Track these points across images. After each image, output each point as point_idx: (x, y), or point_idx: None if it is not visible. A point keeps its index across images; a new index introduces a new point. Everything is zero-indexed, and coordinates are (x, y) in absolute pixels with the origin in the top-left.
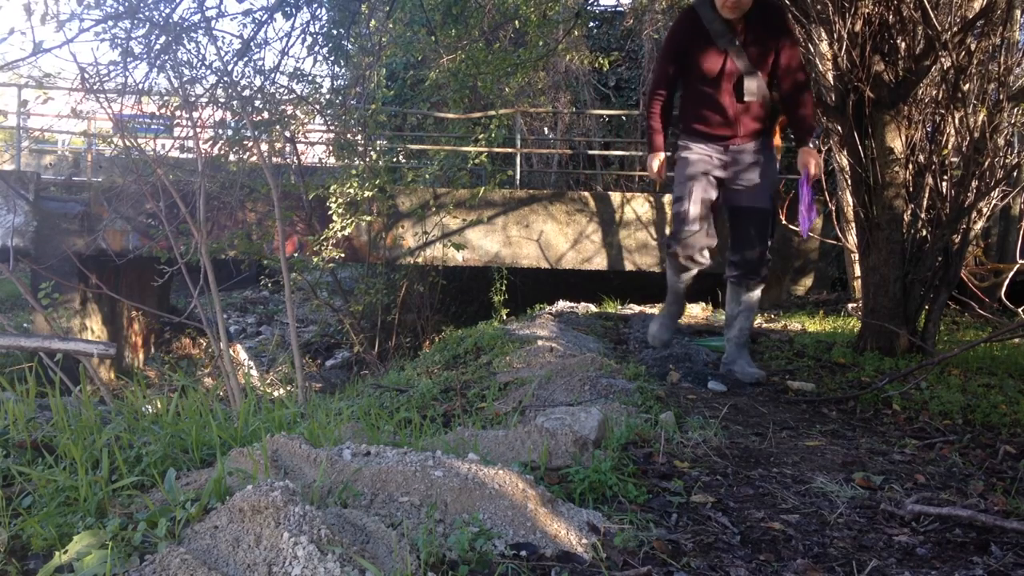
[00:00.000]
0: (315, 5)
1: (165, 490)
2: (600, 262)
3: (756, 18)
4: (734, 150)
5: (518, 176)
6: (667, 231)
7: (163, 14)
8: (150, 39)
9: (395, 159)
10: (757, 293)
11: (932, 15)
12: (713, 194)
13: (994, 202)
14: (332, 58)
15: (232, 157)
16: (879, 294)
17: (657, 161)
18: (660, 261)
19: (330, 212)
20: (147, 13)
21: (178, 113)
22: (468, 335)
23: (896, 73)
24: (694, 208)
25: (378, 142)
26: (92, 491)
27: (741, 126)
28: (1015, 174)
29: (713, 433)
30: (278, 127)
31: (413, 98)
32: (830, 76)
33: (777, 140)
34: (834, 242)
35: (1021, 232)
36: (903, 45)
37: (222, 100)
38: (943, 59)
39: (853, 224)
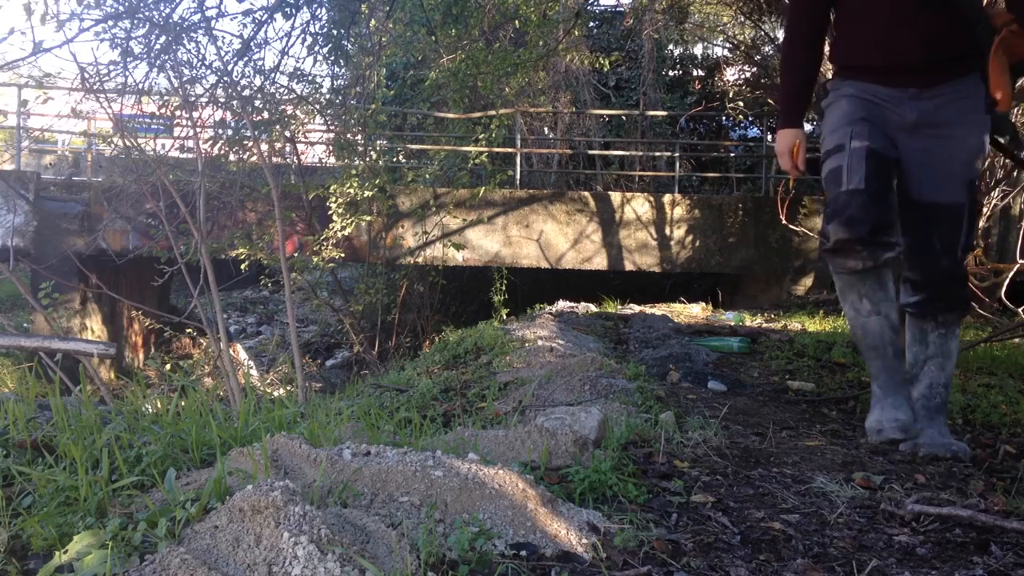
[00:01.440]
0: (315, 5)
1: (165, 490)
2: (600, 262)
3: None
4: (919, 99)
5: (518, 176)
6: (821, 223)
7: (163, 14)
8: (150, 39)
9: (395, 159)
10: (955, 333)
11: None
12: (892, 150)
13: (994, 202)
14: (332, 58)
15: (232, 157)
16: None
17: (791, 140)
18: (660, 261)
19: (330, 212)
20: (147, 13)
21: (178, 113)
22: (468, 335)
23: None
24: (859, 161)
25: (378, 142)
26: (92, 491)
27: (929, 50)
28: (1015, 174)
29: (713, 433)
30: (278, 127)
31: (413, 98)
32: (830, 75)
33: (1000, 92)
34: None
35: (1021, 232)
36: None
37: (222, 100)
38: None
39: None
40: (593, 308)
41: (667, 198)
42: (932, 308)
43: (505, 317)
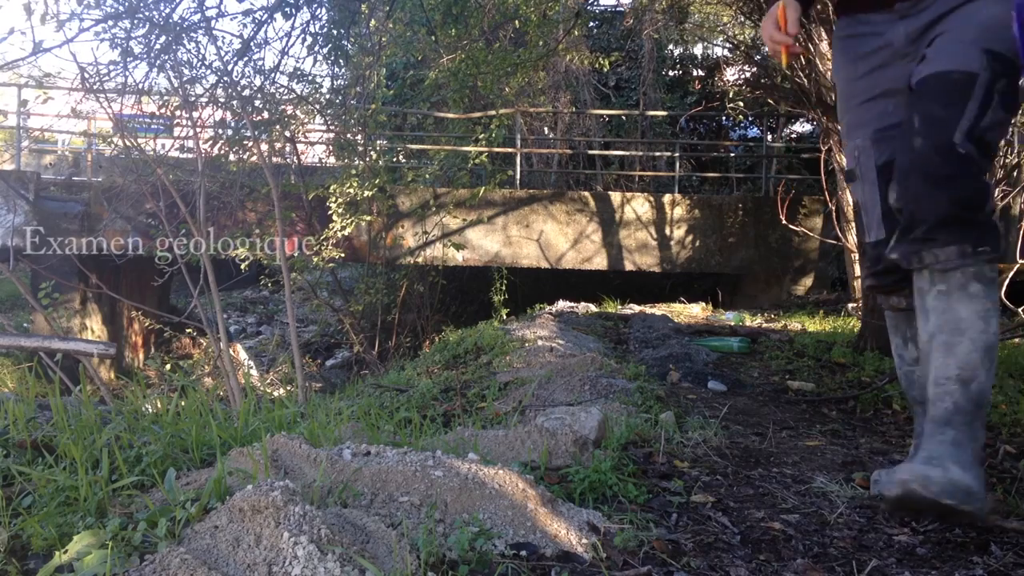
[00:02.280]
0: (315, 5)
1: (165, 490)
2: (600, 262)
3: None
4: (908, 15)
5: (518, 176)
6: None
7: (163, 14)
8: (150, 39)
9: (395, 159)
10: (973, 291)
11: None
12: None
13: None
14: (332, 58)
15: (232, 157)
16: None
17: (772, 12)
18: (660, 261)
19: (330, 212)
20: (147, 13)
21: (178, 113)
22: (468, 335)
23: None
24: (872, 196)
25: (378, 142)
26: (92, 491)
27: None
28: (1015, 174)
29: (713, 433)
30: (278, 127)
31: (413, 98)
32: (830, 76)
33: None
34: (834, 242)
35: (1021, 232)
36: None
37: (222, 100)
38: None
39: (853, 224)
40: (593, 308)
41: (667, 198)
42: (916, 245)
43: (505, 317)
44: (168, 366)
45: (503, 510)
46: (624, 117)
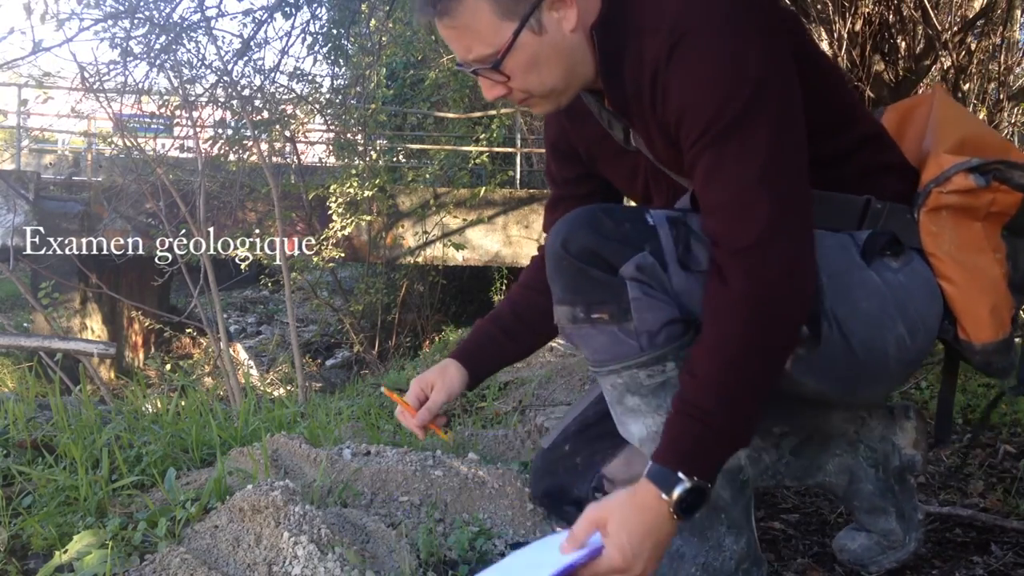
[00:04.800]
0: (315, 5)
1: (165, 490)
2: None
3: None
4: None
5: (518, 176)
6: None
7: (163, 14)
8: (150, 39)
9: (395, 159)
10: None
11: (932, 15)
12: None
13: None
14: (332, 58)
15: (232, 157)
16: None
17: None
18: None
19: (330, 212)
20: (147, 13)
21: (178, 113)
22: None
23: (896, 73)
24: None
25: (378, 142)
26: (92, 491)
27: None
28: None
29: None
30: (278, 127)
31: (413, 98)
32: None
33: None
34: None
35: None
36: (903, 45)
37: (222, 100)
38: (943, 59)
39: None
40: None
41: None
42: None
43: None
44: (168, 366)
45: (503, 510)
46: None
